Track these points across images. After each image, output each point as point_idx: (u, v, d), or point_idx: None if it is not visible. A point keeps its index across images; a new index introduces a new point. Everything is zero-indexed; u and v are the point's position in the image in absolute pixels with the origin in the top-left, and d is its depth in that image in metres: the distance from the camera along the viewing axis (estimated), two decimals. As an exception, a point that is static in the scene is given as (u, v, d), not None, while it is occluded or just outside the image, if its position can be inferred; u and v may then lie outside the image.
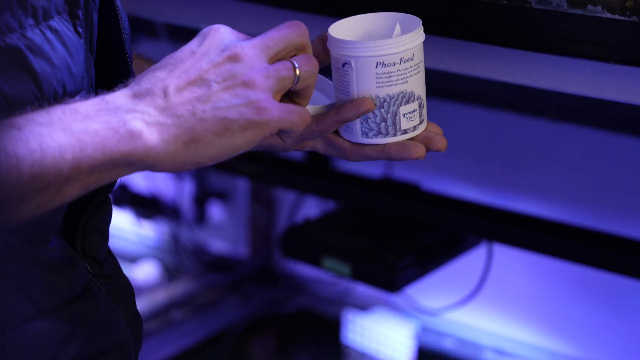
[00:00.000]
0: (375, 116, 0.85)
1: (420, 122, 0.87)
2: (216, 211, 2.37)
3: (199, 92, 0.76)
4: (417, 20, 0.87)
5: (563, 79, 1.12)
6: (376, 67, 0.84)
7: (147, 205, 2.38)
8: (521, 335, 1.96)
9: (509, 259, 1.87)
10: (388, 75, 0.84)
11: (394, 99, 0.85)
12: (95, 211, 0.88)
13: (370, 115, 0.85)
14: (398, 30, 0.87)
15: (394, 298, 2.07)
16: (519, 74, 1.15)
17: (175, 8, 1.41)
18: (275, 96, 0.78)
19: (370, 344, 2.03)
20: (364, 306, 2.11)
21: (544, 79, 1.14)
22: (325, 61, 0.88)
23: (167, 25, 1.90)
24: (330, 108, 0.87)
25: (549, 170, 1.83)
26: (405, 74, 0.84)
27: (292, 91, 0.82)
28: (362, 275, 1.66)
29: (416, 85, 0.86)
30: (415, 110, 0.86)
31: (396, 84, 0.84)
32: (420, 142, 0.87)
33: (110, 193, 0.91)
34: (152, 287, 2.27)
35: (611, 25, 1.03)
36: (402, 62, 0.84)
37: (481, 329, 2.01)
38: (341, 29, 0.88)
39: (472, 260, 1.84)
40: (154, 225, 2.44)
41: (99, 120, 0.72)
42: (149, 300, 2.19)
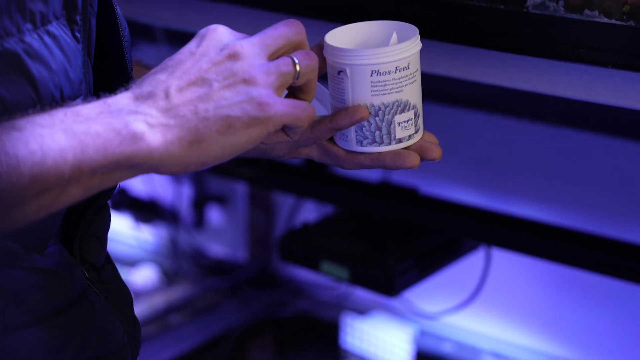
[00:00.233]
0: (370, 124, 0.85)
1: (416, 132, 0.86)
2: (215, 215, 2.37)
3: (201, 92, 0.75)
4: (414, 29, 0.86)
5: (560, 83, 1.12)
6: (371, 76, 0.83)
7: (146, 209, 2.38)
8: (519, 338, 1.96)
9: (507, 263, 1.87)
10: (383, 83, 0.84)
11: (389, 108, 0.84)
12: (94, 217, 0.88)
13: (365, 123, 0.85)
14: (395, 38, 0.87)
15: (392, 302, 2.07)
16: (517, 78, 1.15)
17: (174, 13, 1.41)
18: (277, 92, 0.77)
19: (369, 348, 2.03)
20: (362, 310, 2.11)
21: (541, 84, 1.14)
22: (324, 69, 0.88)
23: (166, 30, 1.90)
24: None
25: (547, 175, 1.83)
26: (401, 82, 0.84)
27: (296, 87, 0.81)
28: (361, 279, 1.66)
29: (412, 94, 0.85)
30: (410, 119, 0.85)
31: (391, 93, 0.84)
32: (415, 151, 0.87)
33: (110, 199, 0.91)
34: (151, 291, 2.26)
35: (608, 30, 1.04)
36: (398, 71, 0.84)
37: (480, 333, 2.01)
38: (338, 37, 0.87)
39: (471, 264, 1.84)
40: (153, 230, 2.44)
41: (101, 122, 0.72)
42: (148, 305, 2.19)
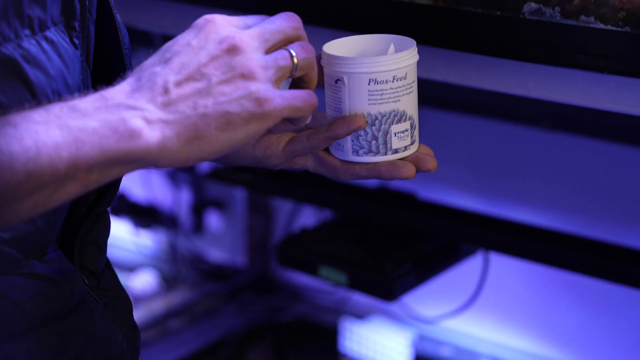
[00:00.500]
0: (366, 134, 0.85)
1: (412, 143, 0.86)
2: (214, 220, 2.37)
3: (199, 87, 0.74)
4: (412, 42, 0.86)
5: (557, 89, 1.13)
6: (369, 84, 0.83)
7: (145, 215, 2.38)
8: (518, 343, 1.96)
9: (505, 268, 1.88)
10: (380, 92, 0.83)
11: (385, 117, 0.84)
12: (94, 224, 0.88)
13: (362, 132, 0.85)
14: (392, 49, 0.87)
15: (391, 306, 2.07)
16: (513, 84, 1.15)
17: (173, 19, 1.41)
18: (276, 85, 0.77)
19: (368, 353, 2.03)
20: (361, 315, 2.11)
21: (537, 89, 1.14)
22: (322, 81, 0.87)
23: (165, 36, 1.90)
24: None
25: (544, 179, 1.83)
26: (398, 92, 0.84)
27: (297, 78, 0.81)
28: (359, 284, 1.66)
29: (408, 105, 0.85)
30: (406, 130, 0.85)
31: (388, 102, 0.84)
32: (411, 162, 0.86)
33: (110, 206, 0.91)
34: (150, 297, 2.26)
35: (604, 35, 1.04)
36: (395, 80, 0.83)
37: (478, 337, 2.01)
38: (335, 48, 0.87)
39: (469, 268, 1.84)
40: (152, 235, 2.44)
41: (98, 119, 0.71)
42: (147, 310, 2.19)
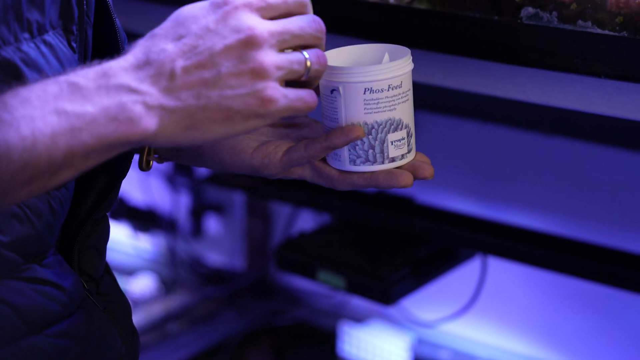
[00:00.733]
0: (363, 143, 0.84)
1: (409, 151, 0.86)
2: (212, 224, 2.37)
3: (207, 76, 0.72)
4: (406, 50, 0.86)
5: (554, 93, 1.13)
6: (364, 93, 0.83)
7: (144, 218, 2.38)
8: (516, 346, 1.96)
9: (503, 272, 1.88)
10: (376, 101, 0.83)
11: (382, 126, 0.84)
12: (93, 229, 0.88)
13: (359, 142, 0.84)
14: (387, 59, 0.87)
15: (389, 310, 2.07)
16: (511, 88, 1.15)
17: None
18: (282, 83, 0.75)
19: (366, 356, 2.03)
20: (359, 318, 2.11)
21: (535, 94, 1.14)
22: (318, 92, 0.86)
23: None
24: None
25: (542, 183, 1.83)
26: (394, 101, 0.84)
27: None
28: (357, 287, 1.67)
29: (404, 113, 0.85)
30: (403, 138, 0.85)
31: (384, 111, 0.84)
32: (408, 170, 0.85)
33: (109, 211, 0.91)
34: (149, 300, 2.26)
35: (601, 40, 1.04)
36: (391, 89, 0.83)
37: (476, 341, 2.01)
38: (330, 59, 0.86)
39: (467, 272, 1.84)
40: (151, 239, 2.44)
41: (97, 103, 0.69)
42: (146, 313, 2.19)
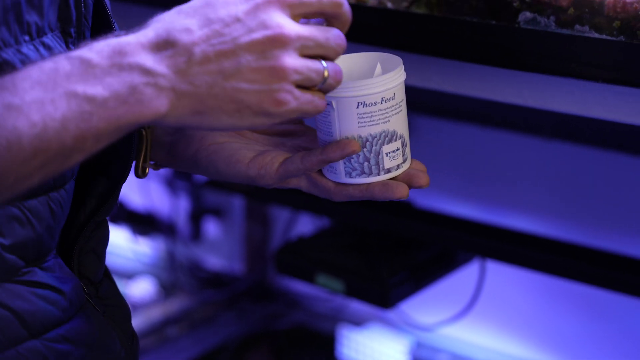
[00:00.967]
0: (358, 156, 0.85)
1: (404, 161, 0.86)
2: (212, 228, 2.38)
3: (226, 66, 0.72)
4: (398, 60, 0.86)
5: (552, 97, 1.13)
6: (357, 107, 0.83)
7: (143, 222, 2.38)
8: (515, 350, 1.96)
9: (501, 275, 1.88)
10: (370, 115, 0.83)
11: (376, 139, 0.84)
12: (93, 233, 0.88)
13: (354, 155, 0.85)
14: (379, 69, 0.87)
15: (388, 314, 2.07)
16: (508, 93, 1.16)
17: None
18: (295, 87, 0.75)
19: (365, 360, 2.03)
20: (358, 322, 2.11)
21: (532, 98, 1.15)
22: None
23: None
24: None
25: (541, 187, 1.83)
26: (387, 113, 0.84)
27: None
28: (356, 291, 1.66)
29: (398, 124, 0.85)
30: (398, 149, 0.85)
31: (378, 124, 0.84)
32: (403, 179, 0.86)
33: (109, 216, 0.91)
34: (148, 304, 2.26)
35: (599, 45, 1.05)
36: (384, 102, 0.83)
37: (475, 344, 2.01)
38: None
39: (465, 276, 1.84)
40: (150, 242, 2.44)
41: (109, 85, 0.69)
42: (145, 317, 2.19)
